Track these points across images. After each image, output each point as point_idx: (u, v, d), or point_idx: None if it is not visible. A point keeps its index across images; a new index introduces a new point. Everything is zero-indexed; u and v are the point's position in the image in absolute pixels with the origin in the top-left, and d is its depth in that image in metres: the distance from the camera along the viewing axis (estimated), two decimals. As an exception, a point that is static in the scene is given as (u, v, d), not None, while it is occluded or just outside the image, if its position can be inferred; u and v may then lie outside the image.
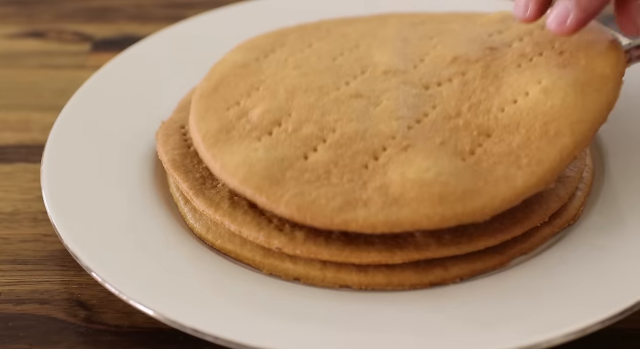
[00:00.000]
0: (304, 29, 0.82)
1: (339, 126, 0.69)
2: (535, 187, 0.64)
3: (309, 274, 0.67)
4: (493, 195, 0.63)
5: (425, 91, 0.72)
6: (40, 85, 0.94)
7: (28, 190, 0.80)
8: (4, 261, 0.73)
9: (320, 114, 0.70)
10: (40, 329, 0.68)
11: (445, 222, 0.63)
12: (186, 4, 1.07)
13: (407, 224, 0.63)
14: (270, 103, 0.72)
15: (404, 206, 0.63)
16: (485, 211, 0.63)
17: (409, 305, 0.64)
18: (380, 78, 0.73)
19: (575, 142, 0.66)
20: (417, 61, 0.75)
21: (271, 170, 0.66)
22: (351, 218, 0.63)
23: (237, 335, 0.61)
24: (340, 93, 0.72)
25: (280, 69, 0.76)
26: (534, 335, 0.60)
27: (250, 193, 0.66)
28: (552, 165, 0.65)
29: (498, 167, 0.65)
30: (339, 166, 0.66)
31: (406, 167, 0.65)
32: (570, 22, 0.69)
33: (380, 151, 0.67)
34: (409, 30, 0.80)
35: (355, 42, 0.78)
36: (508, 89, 0.70)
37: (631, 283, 0.63)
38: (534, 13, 0.71)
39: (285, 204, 0.65)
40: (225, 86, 0.75)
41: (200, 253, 0.69)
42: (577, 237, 0.68)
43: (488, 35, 0.77)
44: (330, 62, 0.76)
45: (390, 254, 0.65)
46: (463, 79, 0.72)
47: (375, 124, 0.69)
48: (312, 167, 0.66)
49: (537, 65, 0.71)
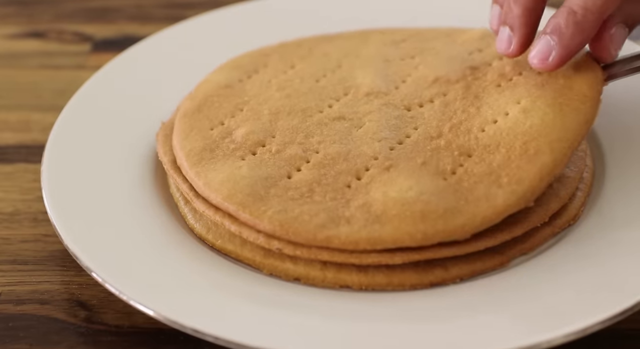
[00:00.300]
0: (285, 47, 0.82)
1: (322, 147, 0.70)
2: (515, 205, 0.65)
3: (309, 274, 0.67)
4: (474, 213, 0.64)
5: (406, 112, 0.72)
6: (40, 85, 0.94)
7: (28, 190, 0.80)
8: (4, 261, 0.73)
9: (303, 136, 0.71)
10: (40, 329, 0.68)
11: (427, 240, 0.64)
12: (186, 4, 1.07)
13: (389, 241, 0.64)
14: (254, 124, 0.73)
15: (386, 223, 0.64)
16: (465, 228, 0.64)
17: (408, 305, 0.64)
18: (362, 100, 0.74)
19: (555, 160, 0.67)
20: (399, 82, 0.76)
21: (255, 187, 0.67)
22: (333, 234, 0.64)
23: (237, 335, 0.61)
24: (323, 115, 0.73)
25: (264, 90, 0.77)
26: (534, 335, 0.60)
27: (234, 209, 0.67)
28: (532, 183, 0.66)
29: (479, 186, 0.66)
30: (321, 184, 0.67)
31: (388, 186, 0.66)
32: (553, 58, 0.69)
33: (362, 171, 0.68)
34: (390, 48, 0.80)
35: (337, 62, 0.79)
36: (488, 109, 0.71)
37: (631, 283, 0.63)
38: (517, 48, 0.72)
39: (268, 220, 0.65)
40: (208, 106, 0.76)
41: (200, 253, 0.69)
42: (577, 238, 0.69)
43: (468, 54, 0.78)
44: (313, 83, 0.77)
45: (390, 255, 0.65)
46: (444, 99, 0.73)
47: (358, 145, 0.70)
48: (296, 186, 0.67)
49: (516, 84, 0.72)
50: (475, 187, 0.65)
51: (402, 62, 0.78)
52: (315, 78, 0.77)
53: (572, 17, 0.68)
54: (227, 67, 0.81)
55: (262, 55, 0.81)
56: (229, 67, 0.81)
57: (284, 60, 0.80)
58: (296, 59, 0.80)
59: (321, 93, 0.75)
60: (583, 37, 0.69)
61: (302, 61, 0.80)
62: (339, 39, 0.83)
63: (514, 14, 0.71)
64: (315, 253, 0.66)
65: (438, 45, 0.79)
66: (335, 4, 0.92)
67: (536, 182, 0.66)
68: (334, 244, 0.64)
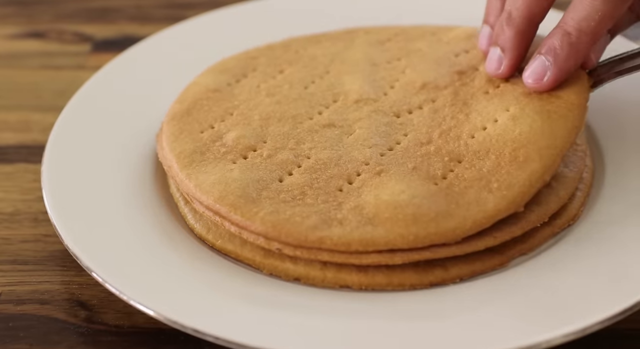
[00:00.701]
0: (273, 50, 0.83)
1: (313, 153, 0.70)
2: (505, 210, 0.66)
3: (309, 274, 0.67)
4: (465, 217, 0.65)
5: (396, 119, 0.73)
6: (41, 86, 0.94)
7: (28, 190, 0.80)
8: (5, 261, 0.73)
9: (294, 142, 0.72)
10: (40, 329, 0.68)
11: (418, 242, 0.64)
12: (186, 4, 1.07)
13: (381, 243, 0.64)
14: (244, 128, 0.73)
15: (378, 225, 0.65)
16: (457, 232, 0.65)
17: (408, 305, 0.64)
18: (351, 107, 0.75)
19: (544, 166, 0.67)
20: (387, 88, 0.76)
21: (247, 189, 0.67)
22: (326, 235, 0.64)
23: (237, 335, 0.61)
24: (314, 122, 0.73)
25: (253, 96, 0.77)
26: (533, 335, 0.60)
27: (225, 211, 0.67)
28: (521, 189, 0.66)
29: (469, 191, 0.66)
30: (313, 188, 0.68)
31: (380, 189, 0.67)
32: (547, 79, 0.70)
33: (354, 176, 0.68)
34: (376, 50, 0.81)
35: (325, 68, 0.79)
36: (477, 116, 0.71)
37: (630, 283, 0.64)
38: (507, 70, 0.73)
39: (261, 221, 0.66)
40: (198, 109, 0.76)
41: (200, 253, 0.69)
42: (576, 238, 0.69)
43: (455, 56, 0.78)
44: (302, 89, 0.77)
45: (390, 255, 0.65)
46: (433, 106, 0.73)
47: (349, 151, 0.70)
48: (287, 189, 0.68)
49: (504, 92, 0.72)
50: (466, 192, 0.66)
51: (389, 65, 0.79)
52: (304, 84, 0.78)
53: (567, 38, 0.69)
54: (214, 71, 0.81)
55: (250, 58, 0.82)
56: (216, 70, 0.81)
57: (272, 64, 0.80)
58: (284, 63, 0.80)
59: (310, 100, 0.76)
60: (577, 59, 0.70)
61: (291, 66, 0.80)
62: (325, 40, 0.83)
63: (506, 36, 0.71)
64: (315, 254, 0.66)
65: (424, 46, 0.80)
66: (335, 4, 0.92)
67: (526, 188, 0.66)
68: (326, 245, 0.65)
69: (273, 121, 0.74)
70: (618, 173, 0.73)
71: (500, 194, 0.66)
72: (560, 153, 0.68)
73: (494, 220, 0.65)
